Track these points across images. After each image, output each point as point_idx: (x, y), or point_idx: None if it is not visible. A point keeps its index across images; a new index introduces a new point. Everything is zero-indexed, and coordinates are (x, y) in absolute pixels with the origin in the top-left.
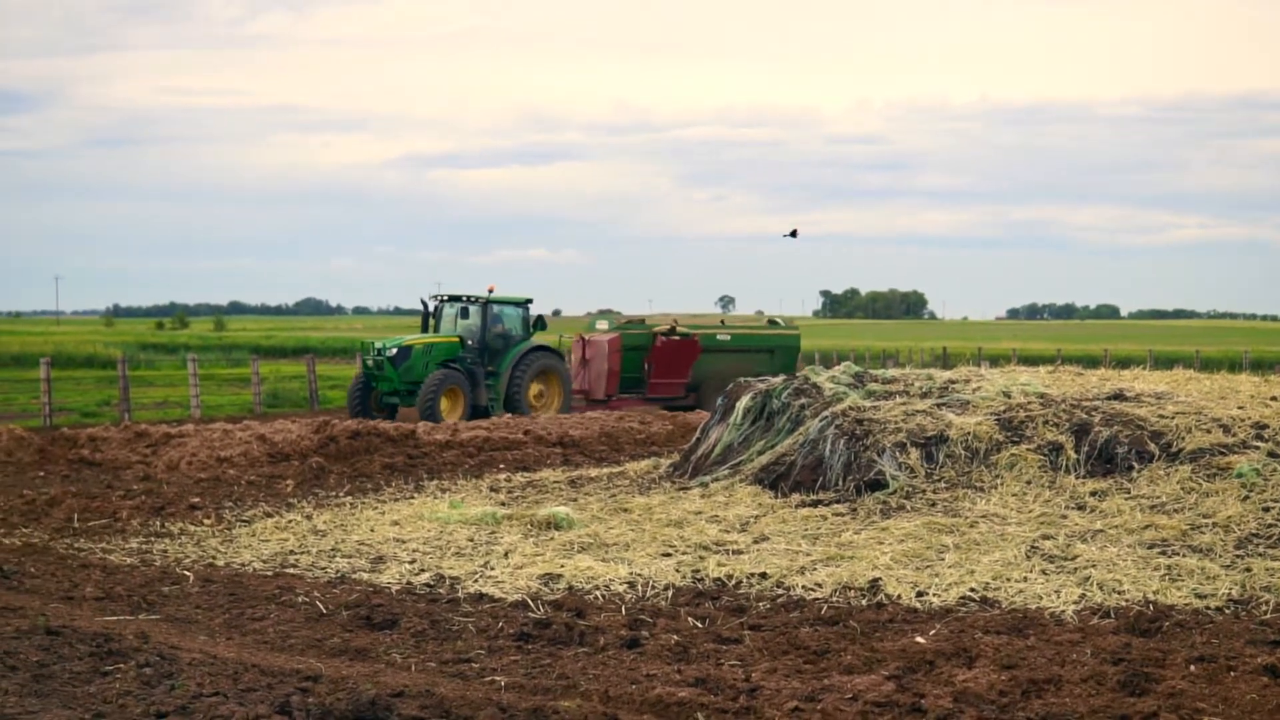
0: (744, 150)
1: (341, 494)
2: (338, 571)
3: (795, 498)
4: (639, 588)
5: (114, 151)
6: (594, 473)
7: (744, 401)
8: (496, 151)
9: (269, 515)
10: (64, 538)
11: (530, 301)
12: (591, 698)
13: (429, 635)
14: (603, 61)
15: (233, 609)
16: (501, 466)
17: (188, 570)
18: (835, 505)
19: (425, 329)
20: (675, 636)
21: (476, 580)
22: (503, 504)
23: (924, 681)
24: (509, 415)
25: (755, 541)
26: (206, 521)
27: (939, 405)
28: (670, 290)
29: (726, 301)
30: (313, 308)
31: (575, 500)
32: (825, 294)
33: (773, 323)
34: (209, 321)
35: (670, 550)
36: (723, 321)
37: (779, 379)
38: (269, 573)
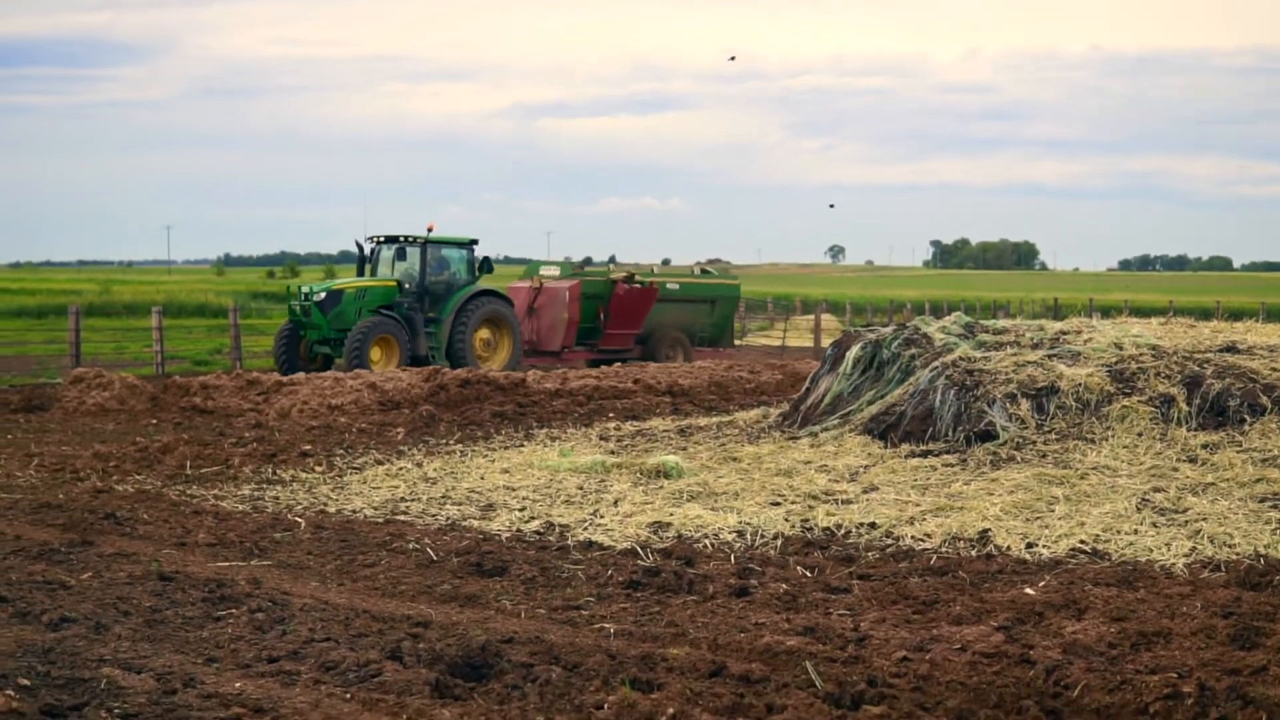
0: (854, 99)
1: (452, 442)
2: (448, 519)
3: (905, 448)
4: (748, 536)
5: (224, 102)
6: (703, 421)
7: (854, 351)
8: (605, 100)
9: (380, 463)
10: (177, 484)
11: (475, 242)
12: (700, 645)
13: (538, 582)
14: (713, 9)
15: (344, 555)
16: (611, 415)
17: (299, 517)
18: (945, 456)
19: (361, 273)
20: (784, 585)
21: (586, 528)
22: (612, 452)
23: (1033, 633)
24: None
25: (864, 491)
26: (318, 468)
27: (1050, 356)
28: (779, 240)
29: (836, 252)
30: None
31: (684, 449)
32: (935, 244)
33: (706, 272)
34: (319, 270)
35: (779, 499)
36: (653, 270)
37: (889, 329)
38: (380, 520)
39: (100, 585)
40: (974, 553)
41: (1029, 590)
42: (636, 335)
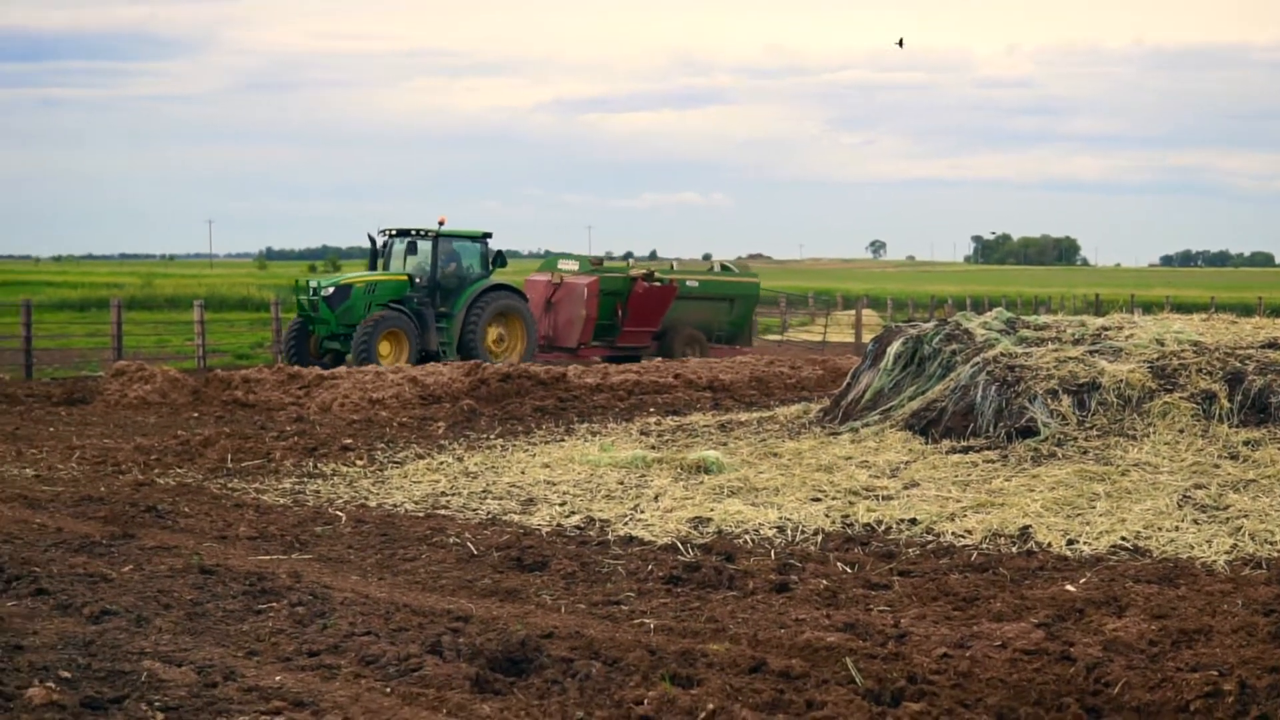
0: (894, 94)
1: (492, 436)
2: (488, 513)
3: (946, 444)
4: (788, 532)
5: (264, 96)
6: (744, 417)
7: (895, 347)
8: (646, 95)
9: (420, 457)
10: (218, 478)
11: (489, 235)
12: (740, 641)
13: (579, 577)
14: (754, 2)
15: (384, 549)
16: (651, 410)
17: (340, 511)
18: (986, 452)
19: (373, 267)
20: (824, 581)
21: (626, 523)
22: (653, 447)
23: (1073, 630)
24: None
25: (905, 487)
26: (359, 462)
27: (1091, 352)
28: (820, 235)
29: (878, 247)
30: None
31: (725, 444)
32: (977, 239)
33: (726, 269)
34: (361, 264)
35: (820, 495)
36: (671, 267)
37: (930, 324)
38: (420, 514)
39: (141, 578)
40: (1015, 549)
41: (1070, 587)
42: (654, 333)
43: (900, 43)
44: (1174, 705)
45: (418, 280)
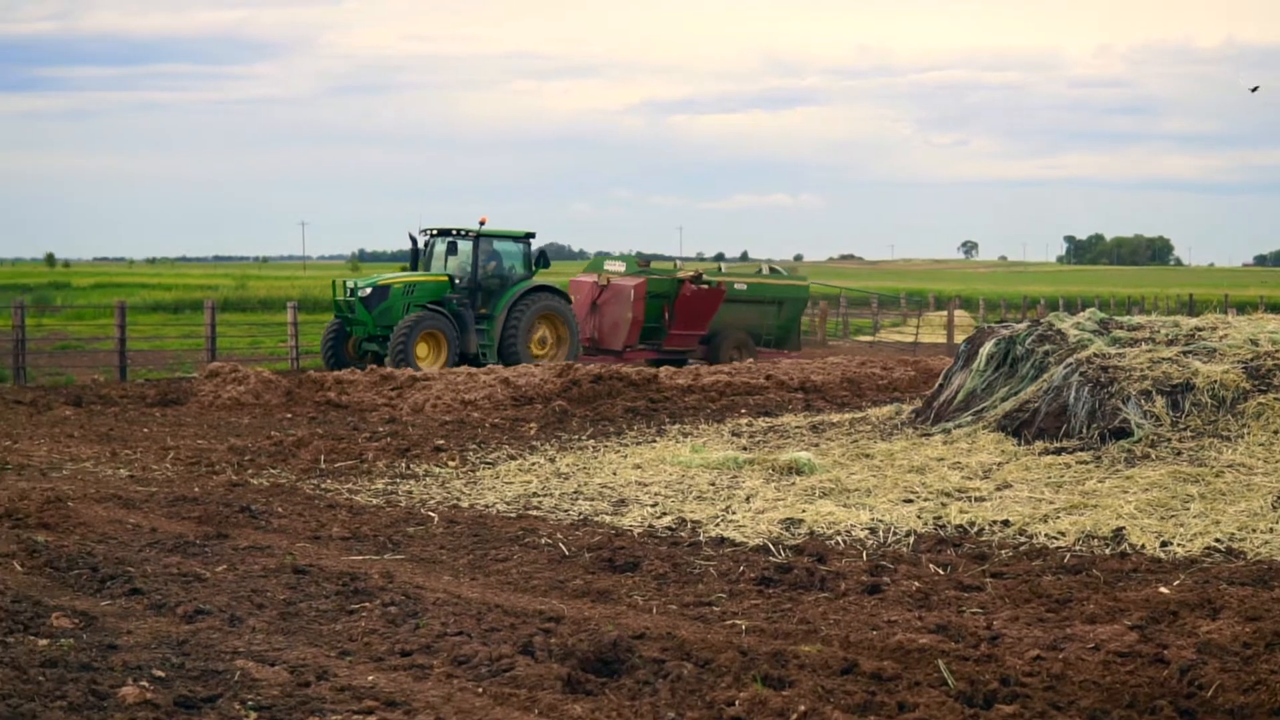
0: (986, 93)
1: (584, 437)
2: (580, 514)
3: (1039, 445)
4: (880, 534)
5: (358, 98)
6: (836, 418)
7: (987, 348)
8: (736, 97)
9: (512, 457)
10: (311, 478)
11: (532, 235)
12: (832, 643)
13: (670, 578)
14: (843, 4)
15: (476, 550)
16: (743, 411)
17: (432, 511)
18: (1079, 453)
19: (414, 268)
20: (916, 583)
21: (718, 524)
22: (744, 448)
23: (1167, 632)
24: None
25: (998, 489)
26: (451, 463)
27: (1185, 353)
28: (912, 236)
29: (969, 247)
30: (554, 253)
31: (817, 445)
32: (1069, 239)
33: (775, 272)
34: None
35: (912, 496)
36: (720, 269)
37: (1023, 325)
38: (512, 514)
39: (235, 578)
40: (1108, 551)
41: (1163, 589)
42: (702, 336)
43: (1255, 89)
44: (1268, 708)
45: (458, 281)
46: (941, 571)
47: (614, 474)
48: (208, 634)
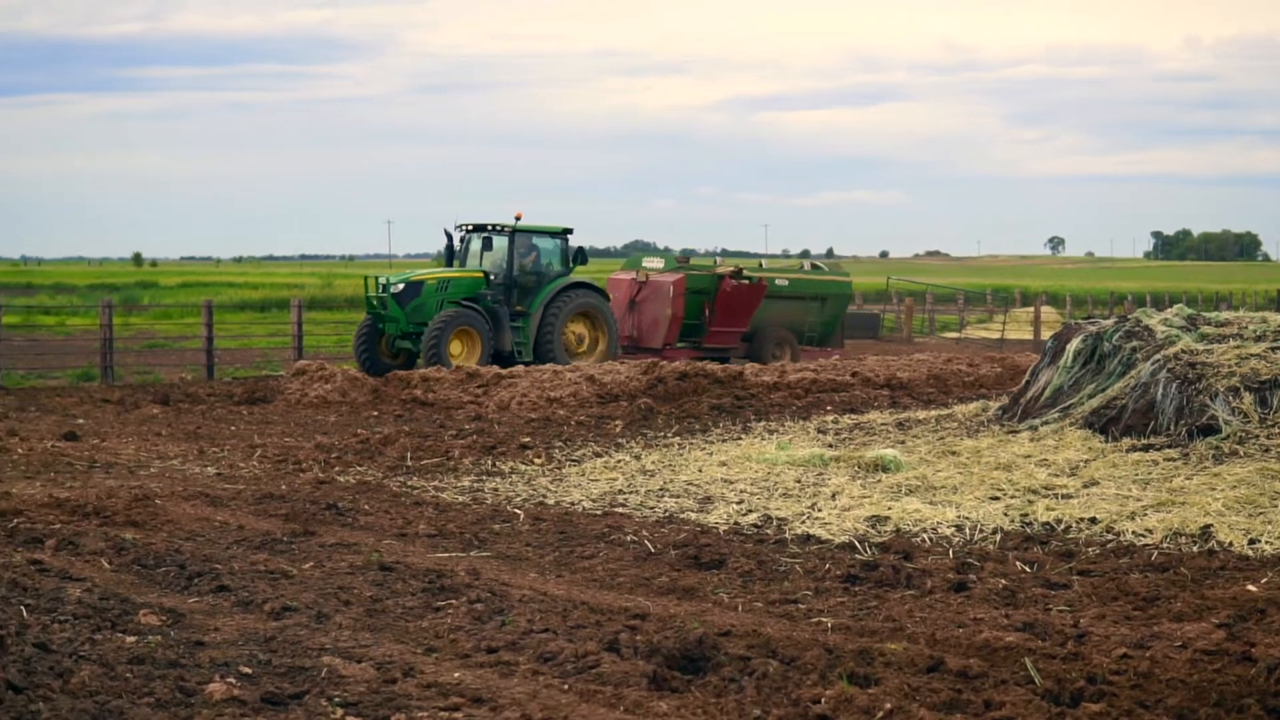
0: (1072, 89)
1: (669, 434)
2: (666, 511)
3: (1126, 442)
4: (967, 531)
5: (444, 97)
6: (921, 415)
7: (1074, 344)
8: (822, 93)
9: (598, 455)
10: (397, 476)
11: (570, 231)
12: (918, 640)
13: (756, 575)
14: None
15: (562, 547)
16: (829, 408)
17: (518, 509)
18: (1166, 450)
19: (450, 264)
20: (1003, 580)
21: (803, 521)
22: (830, 445)
23: (1255, 630)
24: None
25: (1085, 486)
26: (537, 461)
27: (1273, 349)
28: (998, 232)
29: (1056, 243)
30: (639, 250)
31: (903, 442)
32: (1157, 235)
33: (816, 268)
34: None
35: (998, 494)
36: (760, 265)
37: (1110, 321)
38: (598, 512)
39: (321, 575)
40: (1195, 549)
41: (1251, 587)
42: (743, 333)
43: None
44: None
45: (493, 277)
46: (1028, 569)
47: (699, 471)
48: (294, 631)
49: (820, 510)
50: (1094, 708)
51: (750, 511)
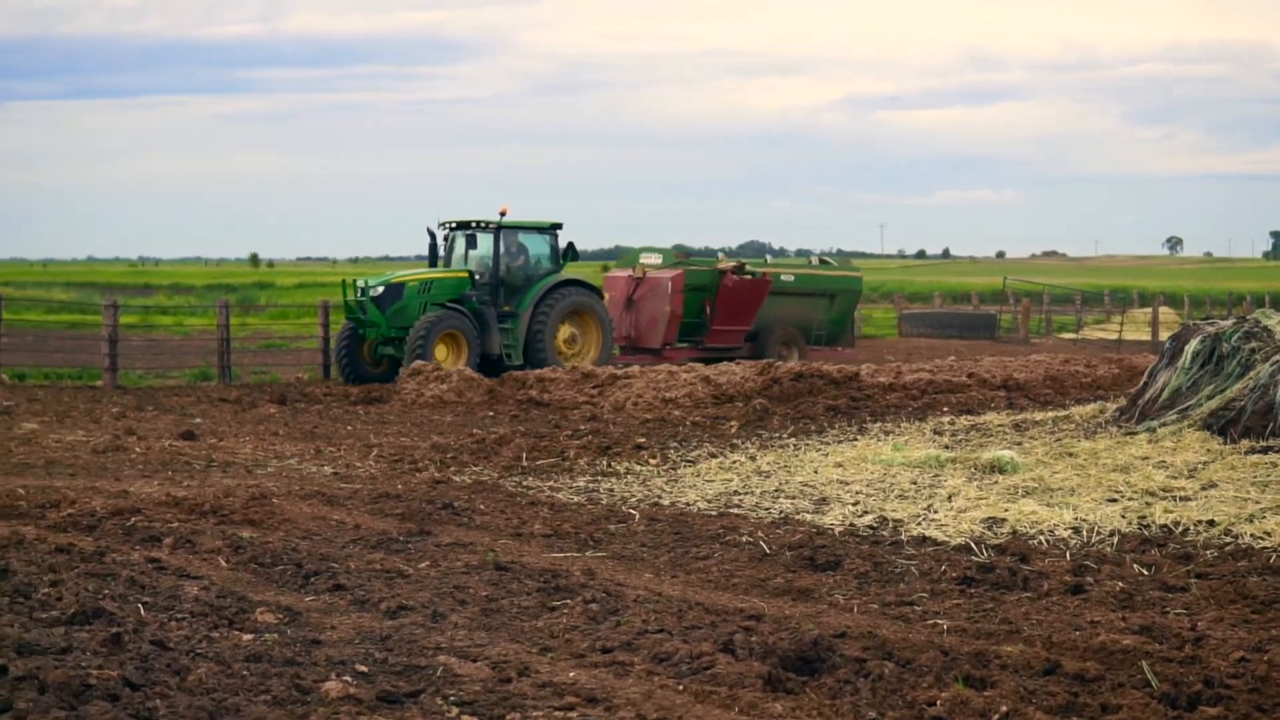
0: (1191, 87)
1: (785, 435)
2: (781, 512)
3: (1244, 444)
4: (1084, 533)
5: (558, 97)
6: (1039, 416)
7: (1192, 345)
8: (938, 92)
9: (713, 455)
10: (513, 476)
11: (559, 226)
12: (1034, 643)
13: (871, 577)
14: None
15: (677, 547)
16: (945, 409)
17: (633, 509)
18: None
19: (433, 264)
20: (1120, 583)
21: (919, 523)
22: (946, 447)
23: None
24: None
25: (1203, 488)
26: (652, 461)
27: None
28: (1115, 232)
29: (1174, 243)
30: (755, 250)
31: (1019, 444)
32: (1276, 235)
33: (825, 263)
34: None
35: (1116, 496)
36: (765, 260)
37: (1229, 322)
38: (713, 512)
39: (437, 574)
40: None
41: None
42: (746, 332)
43: None
44: None
45: (479, 277)
46: (1145, 572)
47: (815, 472)
48: (410, 630)
49: (936, 512)
50: (1211, 711)
51: (866, 513)
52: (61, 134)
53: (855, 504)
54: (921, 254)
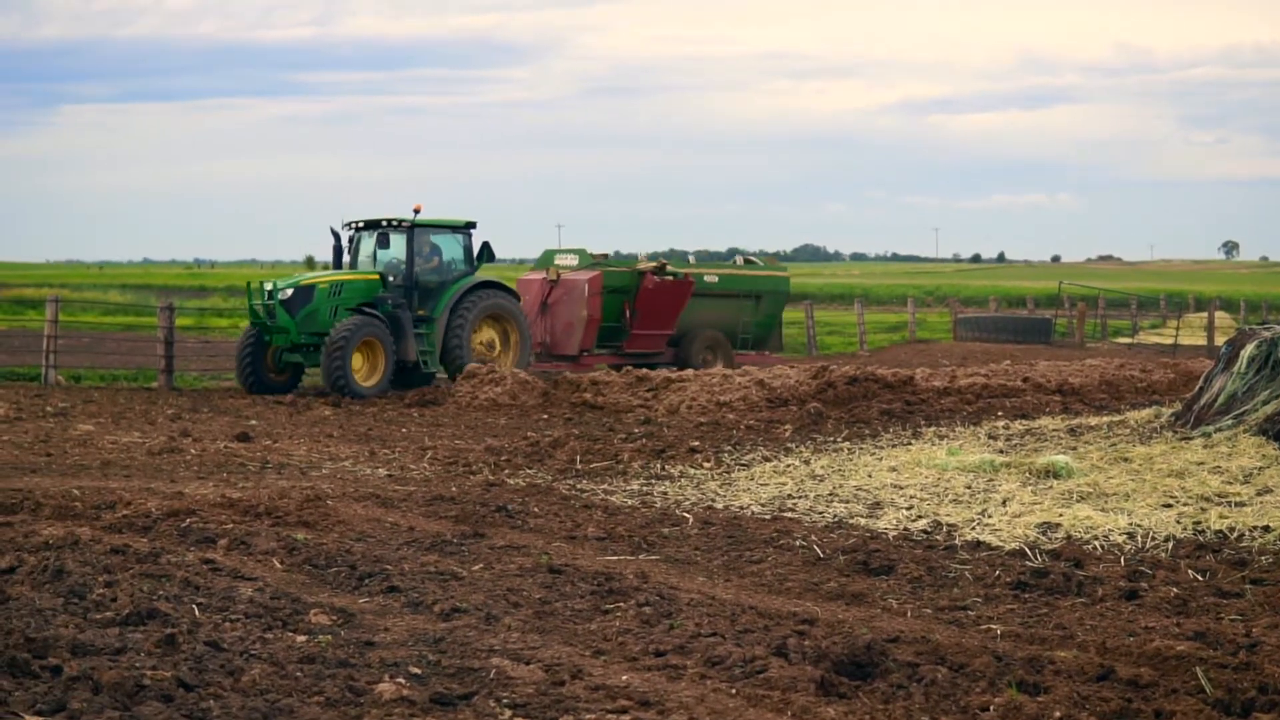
0: (1247, 91)
1: (839, 439)
2: (835, 516)
3: None
4: (1138, 539)
5: (612, 101)
6: (1094, 421)
7: (1248, 350)
8: (993, 95)
9: (767, 459)
10: (567, 479)
11: (473, 225)
12: (1088, 649)
13: (925, 582)
14: (1101, 1)
15: (731, 551)
16: (1000, 414)
17: (687, 512)
18: None
19: (339, 265)
20: (1174, 589)
21: (973, 528)
22: (1001, 451)
23: None
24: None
25: (1259, 494)
26: (706, 465)
27: None
28: (1171, 236)
29: (1230, 248)
30: (810, 254)
31: (1074, 449)
32: None
33: (750, 263)
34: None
35: (1171, 501)
36: (689, 261)
37: None
38: (767, 516)
39: (491, 577)
40: None
41: None
42: (669, 336)
43: None
44: None
45: (391, 279)
46: (1200, 578)
47: (869, 476)
48: (464, 632)
49: (990, 516)
50: (1265, 718)
51: (920, 517)
52: (117, 137)
53: (909, 508)
54: (976, 258)
